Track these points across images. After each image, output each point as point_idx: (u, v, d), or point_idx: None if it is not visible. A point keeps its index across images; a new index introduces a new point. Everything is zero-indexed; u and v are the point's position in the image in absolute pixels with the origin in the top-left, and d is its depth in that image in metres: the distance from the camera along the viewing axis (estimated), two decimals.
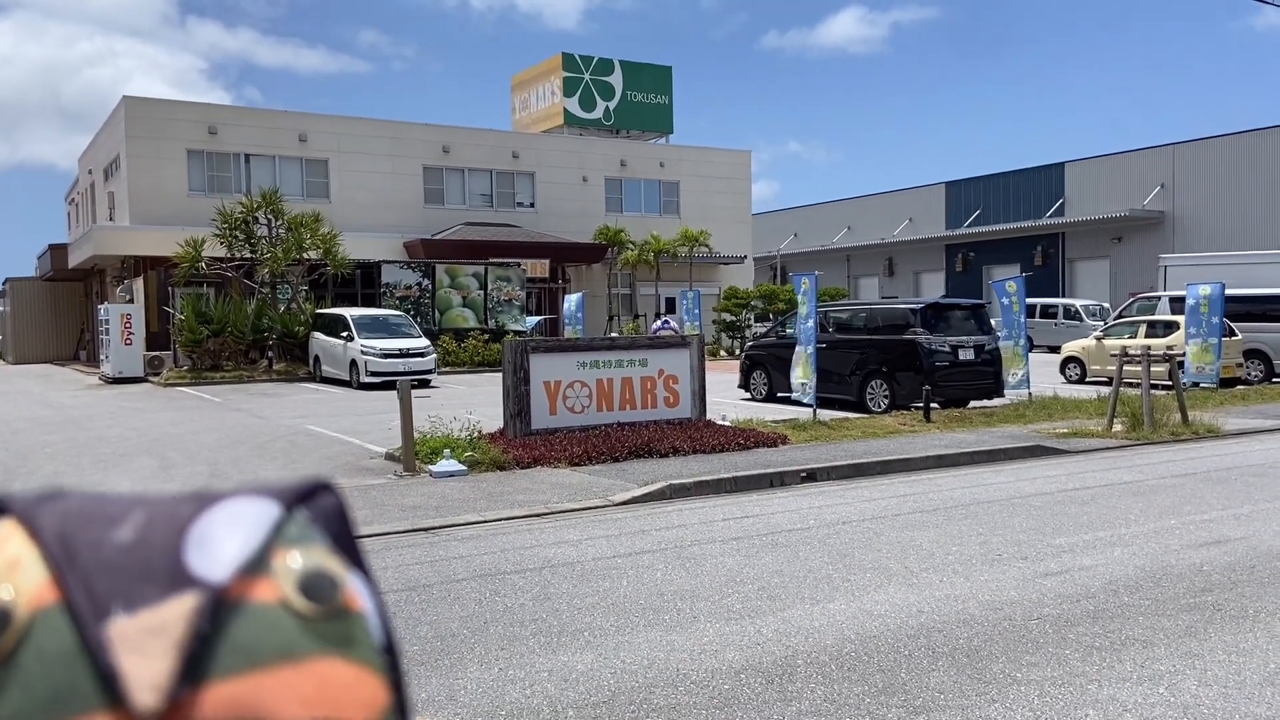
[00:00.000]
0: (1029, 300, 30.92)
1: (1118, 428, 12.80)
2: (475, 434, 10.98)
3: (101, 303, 28.56)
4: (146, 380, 23.72)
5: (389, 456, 10.85)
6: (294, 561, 0.40)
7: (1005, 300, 16.04)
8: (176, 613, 0.38)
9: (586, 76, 39.13)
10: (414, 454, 10.13)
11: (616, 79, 39.60)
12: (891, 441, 11.80)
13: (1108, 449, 11.51)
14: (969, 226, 47.69)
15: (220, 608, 0.38)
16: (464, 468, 9.91)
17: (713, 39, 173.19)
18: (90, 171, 35.81)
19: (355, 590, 0.42)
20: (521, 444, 10.79)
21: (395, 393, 19.79)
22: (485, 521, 7.79)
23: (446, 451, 10.10)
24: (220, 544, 0.40)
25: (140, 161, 28.95)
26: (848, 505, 8.22)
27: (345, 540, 0.43)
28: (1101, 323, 30.22)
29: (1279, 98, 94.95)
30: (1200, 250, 34.33)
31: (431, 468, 9.92)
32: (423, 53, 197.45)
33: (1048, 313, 32.58)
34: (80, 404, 18.62)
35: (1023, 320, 15.78)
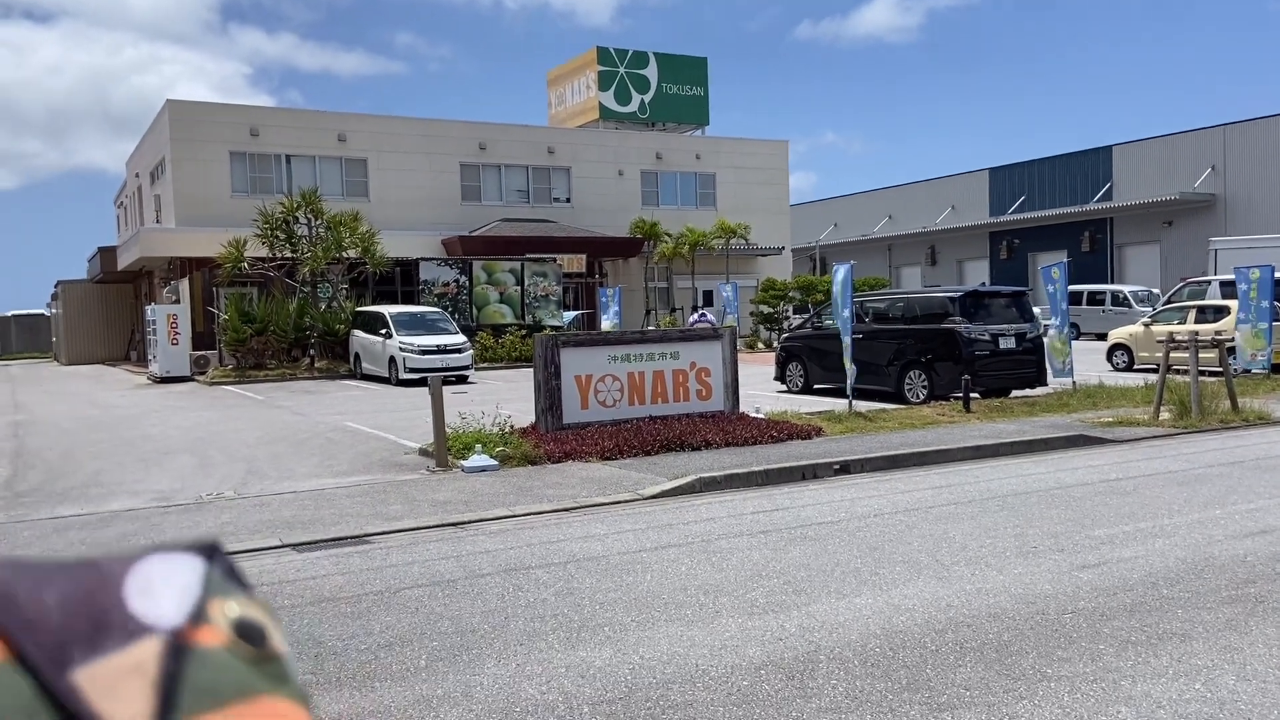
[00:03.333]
0: (1076, 287, 30.42)
1: (1165, 416, 12.47)
2: (507, 429, 11.00)
3: (150, 304, 29.14)
4: (193, 379, 24.16)
5: (422, 452, 10.91)
6: (229, 610, 0.43)
7: (1050, 287, 15.71)
8: (146, 654, 0.40)
9: (621, 70, 39.07)
10: (446, 449, 10.17)
11: (651, 72, 39.48)
12: (929, 433, 11.61)
13: (1154, 438, 11.22)
14: (1013, 213, 46.87)
15: (180, 651, 0.40)
16: (495, 463, 9.92)
17: (746, 32, 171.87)
18: (137, 175, 36.54)
19: (278, 635, 0.44)
20: (553, 438, 10.79)
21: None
22: (514, 516, 7.79)
23: (478, 447, 10.13)
24: (162, 594, 0.42)
25: (184, 164, 29.47)
26: (881, 498, 8.09)
27: (248, 592, 0.46)
28: (1150, 309, 29.57)
29: None
30: (1254, 233, 33.38)
31: (463, 463, 9.95)
32: (458, 53, 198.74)
33: (1095, 299, 31.92)
34: (127, 403, 19.01)
35: (1066, 307, 15.43)
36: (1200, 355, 12.61)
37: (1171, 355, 12.71)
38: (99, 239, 37.04)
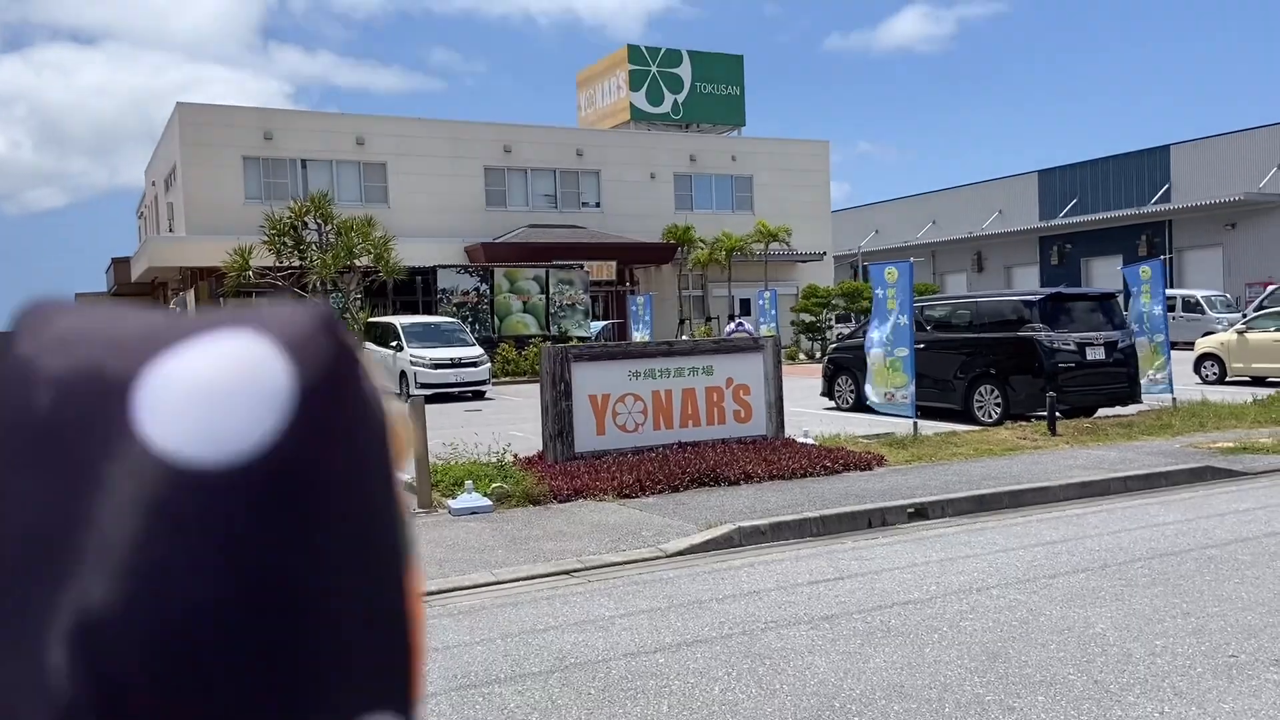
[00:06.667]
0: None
1: None
2: (507, 459, 9.21)
3: None
4: None
5: (406, 487, 9.14)
6: None
7: (1136, 289, 13.66)
8: None
9: (653, 69, 37.36)
10: (430, 486, 8.40)
11: (685, 70, 37.73)
12: (1014, 461, 9.65)
13: None
14: (1065, 217, 44.57)
15: None
16: (489, 503, 8.14)
17: (777, 44, 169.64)
18: (154, 183, 35.48)
19: None
20: (562, 471, 8.98)
21: (446, 406, 18.31)
22: (497, 584, 5.98)
23: (469, 483, 8.35)
24: None
25: (195, 169, 28.19)
26: (978, 559, 6.17)
27: None
28: (1227, 314, 27.22)
29: None
30: None
31: (451, 503, 8.17)
32: (492, 68, 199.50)
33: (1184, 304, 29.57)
34: None
35: (1160, 312, 13.37)
36: None
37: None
38: (130, 252, 35.81)
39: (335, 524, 0.35)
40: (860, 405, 14.82)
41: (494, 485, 8.47)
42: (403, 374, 19.75)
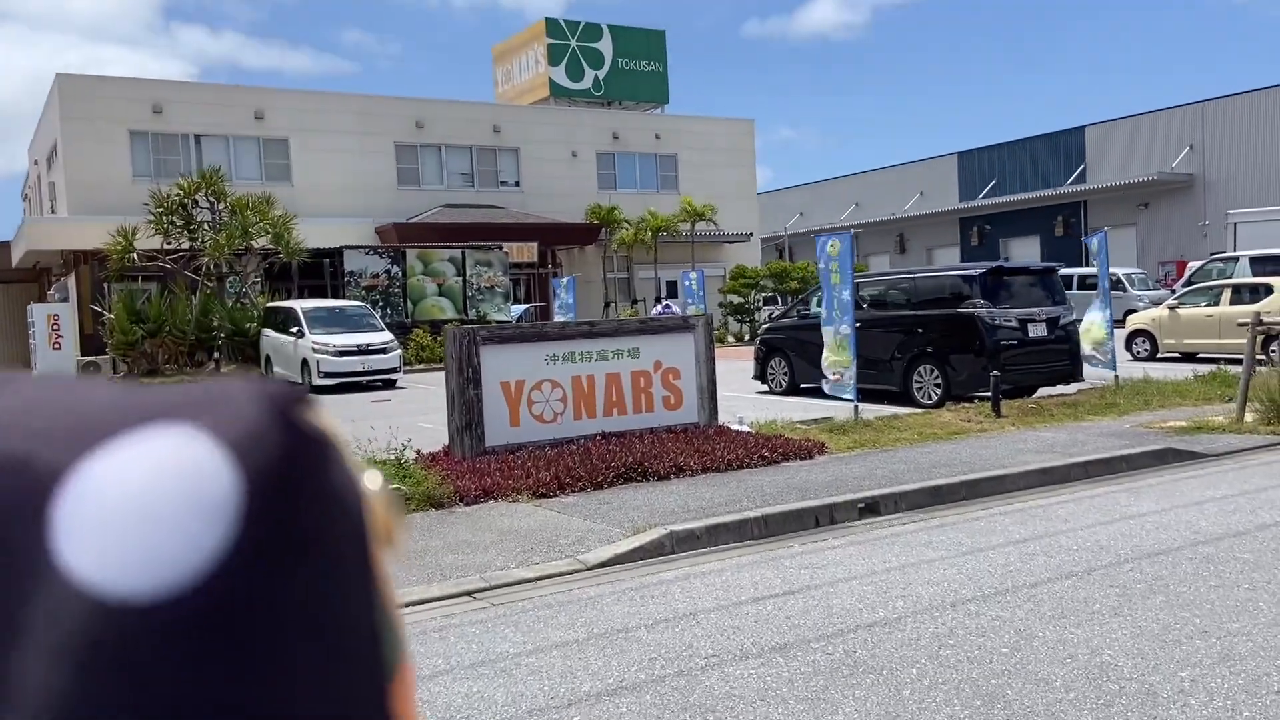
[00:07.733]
0: (1066, 271, 28.22)
1: (1249, 418, 9.93)
2: (407, 455, 8.13)
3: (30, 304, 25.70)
4: None
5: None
6: None
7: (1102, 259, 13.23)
8: None
9: (573, 43, 36.10)
10: None
11: (605, 45, 36.56)
12: (962, 446, 8.95)
13: (1257, 449, 8.64)
14: (984, 198, 44.89)
15: None
16: None
17: (696, 29, 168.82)
18: (36, 162, 32.95)
19: None
20: (471, 468, 7.95)
21: (352, 397, 17.03)
22: None
23: None
24: None
25: (77, 145, 26.02)
26: (944, 563, 5.36)
27: None
28: (1148, 292, 27.46)
29: None
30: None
31: None
32: (407, 51, 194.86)
33: (1086, 283, 29.73)
34: None
35: (1105, 287, 12.90)
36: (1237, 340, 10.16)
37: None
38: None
39: (293, 651, 0.29)
40: (794, 388, 14.10)
41: (391, 487, 7.39)
42: (305, 362, 18.37)
